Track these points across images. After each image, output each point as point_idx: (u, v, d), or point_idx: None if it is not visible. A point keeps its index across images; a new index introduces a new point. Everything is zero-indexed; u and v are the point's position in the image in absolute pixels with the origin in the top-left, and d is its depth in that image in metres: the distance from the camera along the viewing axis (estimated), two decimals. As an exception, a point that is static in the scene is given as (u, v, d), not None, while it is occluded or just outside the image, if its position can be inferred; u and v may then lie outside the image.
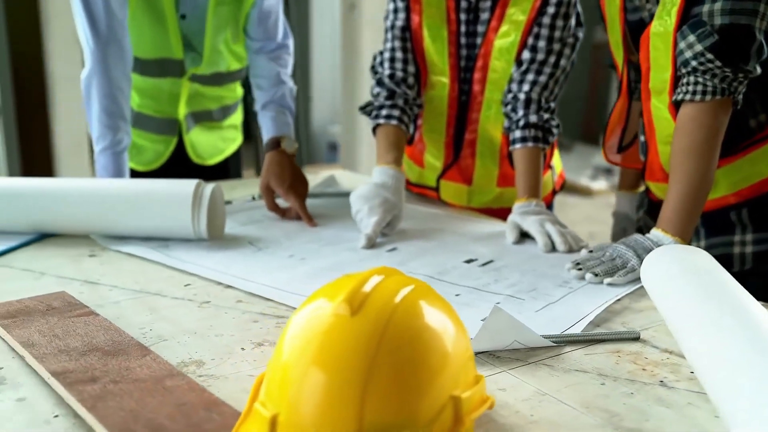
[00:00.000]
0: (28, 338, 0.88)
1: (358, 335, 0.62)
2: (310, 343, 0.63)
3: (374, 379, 0.60)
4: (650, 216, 1.55)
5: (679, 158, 1.21)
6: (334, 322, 0.63)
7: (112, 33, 1.53)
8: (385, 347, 0.61)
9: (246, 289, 1.12)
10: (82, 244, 1.33)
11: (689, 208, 1.21)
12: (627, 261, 1.18)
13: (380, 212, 1.39)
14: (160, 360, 0.83)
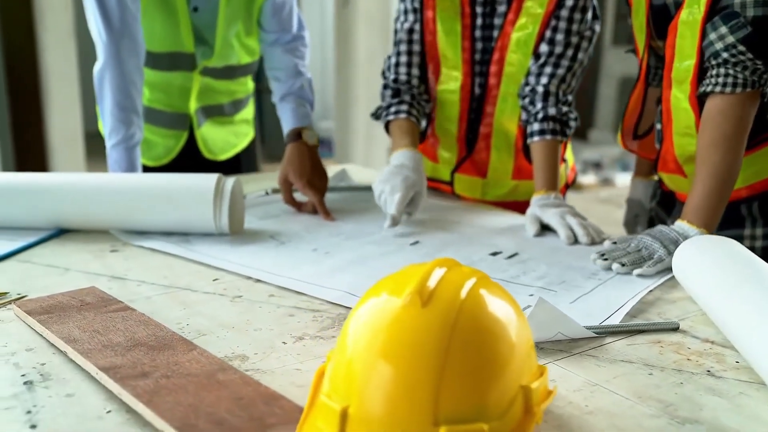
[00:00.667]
0: (69, 334, 0.87)
1: (429, 327, 0.61)
2: (377, 335, 0.63)
3: (448, 371, 0.60)
4: (662, 207, 1.56)
5: (707, 150, 1.22)
6: (403, 314, 0.62)
7: (125, 26, 1.51)
8: (458, 339, 0.61)
9: (276, 283, 1.11)
10: (102, 239, 1.31)
11: (715, 201, 1.21)
12: (653, 252, 1.19)
13: (402, 188, 1.40)
14: (208, 354, 0.82)
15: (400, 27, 1.64)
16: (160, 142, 1.76)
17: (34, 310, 0.95)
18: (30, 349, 0.88)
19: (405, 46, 1.62)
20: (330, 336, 0.93)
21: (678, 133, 1.37)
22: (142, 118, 1.58)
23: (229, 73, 1.75)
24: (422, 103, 1.63)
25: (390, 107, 1.61)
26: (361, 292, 1.06)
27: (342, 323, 0.97)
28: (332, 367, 0.67)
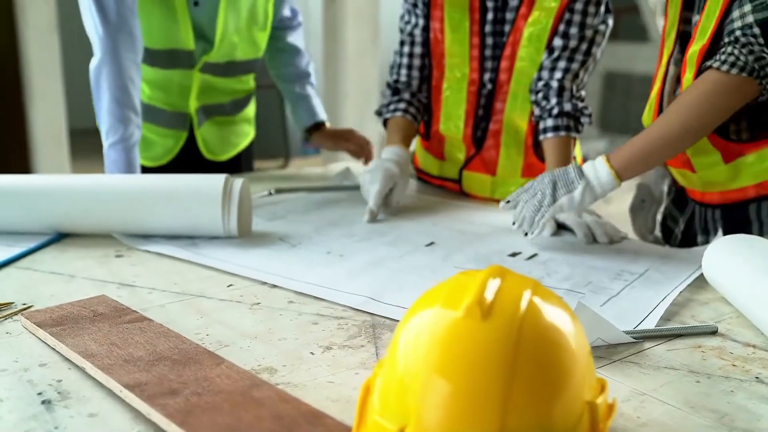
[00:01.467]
0: (85, 348, 0.82)
1: (491, 341, 0.57)
2: (434, 349, 0.59)
3: (515, 388, 0.56)
4: (675, 205, 1.52)
5: (671, 106, 1.19)
6: (462, 328, 0.58)
7: (122, 20, 1.46)
8: (523, 353, 0.57)
9: (294, 288, 1.07)
10: (105, 243, 1.26)
11: (643, 153, 1.20)
12: (542, 200, 1.23)
13: (380, 179, 1.45)
14: (238, 368, 0.78)
15: (404, 27, 1.63)
16: (159, 142, 1.71)
17: (44, 322, 0.90)
18: (43, 364, 0.83)
19: (407, 47, 1.63)
20: (358, 345, 0.89)
21: None
22: (141, 115, 1.53)
23: (230, 69, 1.70)
24: (422, 101, 1.64)
25: (389, 105, 1.64)
26: (384, 297, 1.02)
27: (368, 331, 0.93)
28: (381, 383, 0.63)
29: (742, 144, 1.27)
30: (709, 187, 1.35)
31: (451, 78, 1.58)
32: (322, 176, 1.85)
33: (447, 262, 1.20)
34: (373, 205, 1.43)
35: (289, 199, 1.59)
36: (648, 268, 1.18)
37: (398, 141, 1.56)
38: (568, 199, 1.23)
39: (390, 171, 1.47)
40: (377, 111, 1.68)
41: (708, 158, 1.30)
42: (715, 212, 1.37)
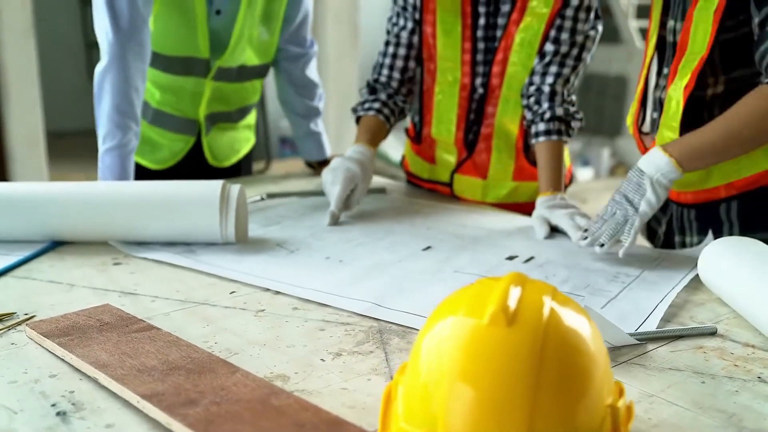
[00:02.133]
0: (96, 358, 0.82)
1: (517, 348, 0.59)
2: (459, 356, 0.60)
3: (542, 394, 0.57)
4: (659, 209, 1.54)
5: (736, 110, 1.19)
6: (488, 335, 0.59)
7: (133, 28, 1.46)
8: (548, 359, 0.58)
9: (298, 294, 1.07)
10: (101, 251, 1.25)
11: (706, 148, 1.20)
12: (626, 213, 1.22)
13: (341, 181, 1.45)
14: (253, 376, 0.78)
15: (391, 28, 1.64)
16: (167, 146, 1.71)
17: (50, 332, 0.89)
18: (53, 375, 0.82)
19: (392, 48, 1.64)
20: (368, 351, 0.90)
21: (665, 124, 1.34)
22: (140, 124, 1.52)
23: (242, 74, 1.71)
24: (398, 103, 1.65)
25: (364, 104, 1.65)
26: (388, 302, 1.03)
27: (375, 337, 0.94)
28: (405, 389, 0.64)
29: None
30: (684, 186, 1.38)
31: (443, 82, 1.59)
32: (312, 181, 1.85)
33: (446, 266, 1.21)
34: (335, 208, 1.44)
35: (281, 204, 1.59)
36: (643, 269, 1.21)
37: (365, 140, 1.56)
38: (646, 204, 1.22)
39: (351, 172, 1.47)
40: (353, 108, 1.68)
41: None
42: (690, 212, 1.40)
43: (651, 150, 1.25)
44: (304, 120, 1.85)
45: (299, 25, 1.75)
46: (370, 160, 1.54)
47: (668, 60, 1.35)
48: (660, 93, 1.36)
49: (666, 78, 1.35)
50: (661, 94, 1.36)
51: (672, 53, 1.33)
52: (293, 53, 1.78)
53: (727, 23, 1.21)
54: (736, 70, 1.26)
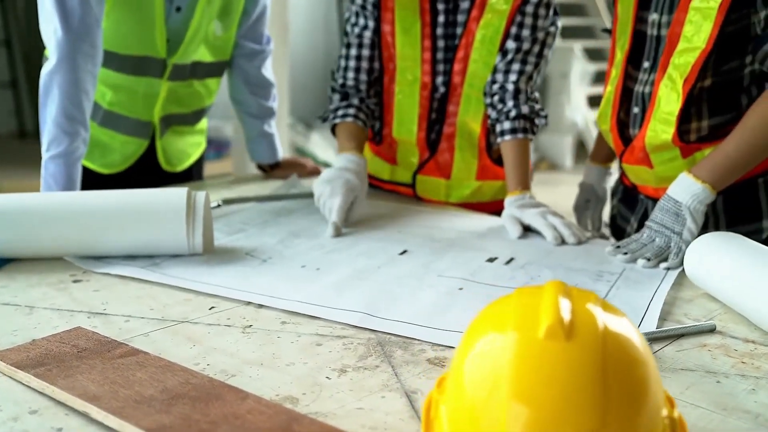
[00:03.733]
0: (84, 389, 0.74)
1: (578, 362, 0.55)
2: (517, 374, 0.56)
3: (609, 408, 0.54)
4: (624, 203, 1.56)
5: (753, 119, 1.20)
6: (546, 350, 0.56)
7: (85, 28, 1.35)
8: (611, 372, 0.55)
9: (283, 307, 1.01)
10: (56, 268, 1.16)
11: (732, 165, 1.21)
12: (669, 239, 1.21)
13: (342, 193, 1.38)
14: (267, 402, 0.72)
15: (351, 30, 1.60)
16: (118, 149, 1.60)
17: (22, 363, 0.81)
18: (34, 411, 0.74)
19: (355, 50, 1.59)
20: (373, 366, 0.85)
21: (657, 118, 1.33)
22: (89, 129, 1.42)
23: (196, 72, 1.62)
24: (371, 106, 1.60)
25: (338, 110, 1.58)
26: (380, 311, 0.99)
27: (377, 350, 0.89)
28: (449, 409, 0.60)
29: (700, 143, 1.31)
30: (665, 182, 1.38)
31: (402, 81, 1.56)
32: (266, 185, 1.78)
33: (429, 270, 1.17)
34: (337, 219, 1.36)
35: (239, 211, 1.52)
36: (624, 267, 1.20)
37: (353, 148, 1.51)
38: (689, 233, 1.21)
39: (350, 183, 1.41)
40: (322, 116, 1.63)
41: (667, 154, 1.33)
42: None
43: (680, 178, 1.24)
44: (257, 121, 1.78)
45: (257, 20, 1.68)
46: (365, 169, 1.48)
47: (649, 54, 1.34)
48: (643, 87, 1.35)
49: (648, 72, 1.35)
50: (644, 89, 1.35)
51: (654, 47, 1.33)
52: (250, 50, 1.70)
53: (732, 16, 1.22)
54: (727, 63, 1.27)
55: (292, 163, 1.85)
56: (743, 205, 1.36)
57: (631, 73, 1.39)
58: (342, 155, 1.49)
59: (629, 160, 1.43)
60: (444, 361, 0.87)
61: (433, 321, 0.97)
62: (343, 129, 1.56)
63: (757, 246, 1.02)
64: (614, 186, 1.61)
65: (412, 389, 0.80)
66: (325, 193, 1.40)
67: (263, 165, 1.84)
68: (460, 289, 1.09)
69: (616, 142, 1.44)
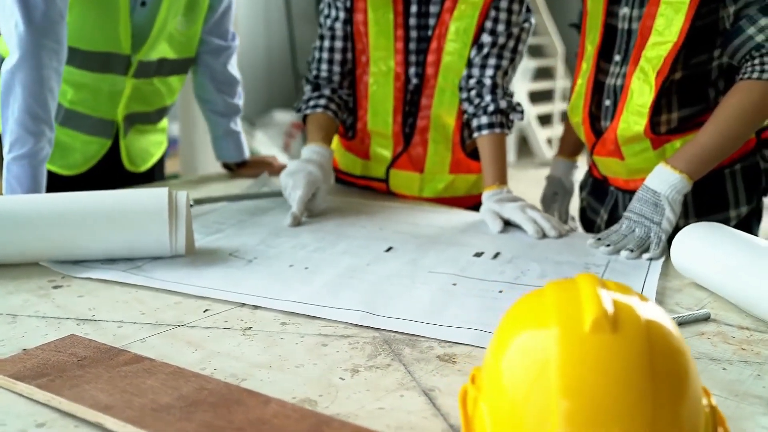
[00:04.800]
0: (94, 399, 0.71)
1: (626, 354, 0.55)
2: (566, 369, 0.56)
3: (659, 400, 0.54)
4: (594, 197, 1.58)
5: (726, 111, 1.23)
6: (594, 344, 0.56)
7: (48, 23, 1.29)
8: (657, 363, 0.56)
9: (280, 308, 0.99)
10: (32, 273, 1.11)
11: (708, 155, 1.24)
12: (648, 229, 1.23)
13: (303, 185, 1.40)
14: (292, 405, 0.70)
15: (323, 21, 1.58)
16: (79, 149, 1.54)
17: (20, 374, 0.77)
18: (41, 424, 0.70)
19: (327, 42, 1.58)
20: (384, 365, 0.84)
21: (629, 110, 1.35)
22: (55, 129, 1.36)
23: (162, 69, 1.57)
24: (343, 97, 1.60)
25: (309, 101, 1.59)
26: (378, 309, 0.98)
27: (384, 348, 0.88)
28: (489, 406, 0.60)
29: (670, 135, 1.34)
30: (636, 174, 1.41)
31: (377, 72, 1.55)
32: (233, 184, 1.74)
33: (418, 267, 1.16)
34: (297, 210, 1.39)
35: (212, 211, 1.48)
36: (608, 259, 1.22)
37: (320, 139, 1.51)
38: (668, 222, 1.23)
39: (312, 176, 1.42)
40: (296, 107, 1.62)
41: (638, 145, 1.36)
42: None
43: (658, 169, 1.26)
44: (223, 119, 1.74)
45: (222, 15, 1.64)
46: (329, 160, 1.48)
47: (620, 47, 1.37)
48: (615, 80, 1.38)
49: (619, 65, 1.37)
50: (616, 81, 1.37)
51: (626, 40, 1.36)
52: (215, 46, 1.66)
53: (702, 11, 1.25)
54: (697, 56, 1.30)
55: (259, 162, 1.82)
56: (711, 195, 1.39)
57: (602, 66, 1.41)
58: (308, 147, 1.50)
59: (600, 152, 1.45)
60: (454, 357, 0.86)
61: (435, 317, 0.96)
62: (312, 120, 1.56)
63: (742, 234, 1.04)
64: (583, 179, 1.63)
65: (428, 387, 0.79)
66: (289, 186, 1.43)
67: (229, 164, 1.80)
68: (453, 285, 1.09)
69: (588, 135, 1.45)
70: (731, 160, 1.38)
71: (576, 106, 1.45)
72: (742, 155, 1.37)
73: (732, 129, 1.24)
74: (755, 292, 0.95)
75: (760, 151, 1.40)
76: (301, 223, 1.39)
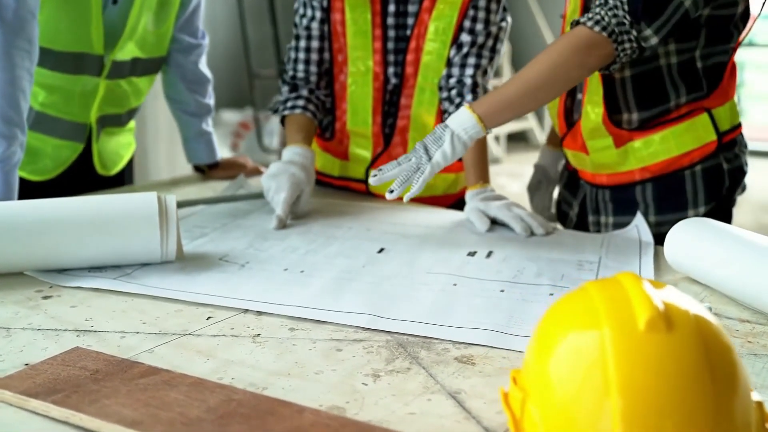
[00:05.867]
0: (119, 415, 0.68)
1: (682, 352, 0.56)
2: (623, 369, 0.56)
3: (718, 396, 0.55)
4: (568, 189, 1.59)
5: (538, 57, 1.22)
6: (650, 343, 0.56)
7: (20, 23, 1.24)
8: (713, 360, 0.56)
9: (285, 313, 0.97)
10: (16, 284, 1.06)
11: (506, 99, 1.22)
12: (420, 160, 1.21)
13: (287, 187, 1.38)
14: (327, 414, 0.69)
15: (299, 21, 1.57)
16: (50, 154, 1.48)
17: (31, 390, 0.73)
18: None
19: (304, 42, 1.56)
20: (404, 368, 0.83)
21: (588, 100, 1.37)
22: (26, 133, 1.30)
23: (135, 69, 1.53)
24: (321, 98, 1.59)
25: (287, 102, 1.57)
26: (385, 312, 0.97)
27: (400, 351, 0.87)
28: (540, 408, 0.60)
29: (632, 131, 1.36)
30: (600, 168, 1.43)
31: (355, 72, 1.53)
32: (206, 186, 1.70)
33: (415, 268, 1.16)
34: (281, 212, 1.37)
35: (191, 214, 1.44)
36: (599, 255, 1.24)
37: (300, 140, 1.49)
38: (441, 154, 1.21)
39: (296, 177, 1.41)
40: (272, 108, 1.60)
41: (601, 142, 1.38)
42: (605, 193, 1.45)
43: (460, 110, 1.24)
44: (194, 119, 1.70)
45: (192, 13, 1.61)
46: (312, 162, 1.47)
47: None
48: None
49: None
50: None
51: None
52: (186, 44, 1.62)
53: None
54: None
55: (231, 163, 1.79)
56: (671, 195, 1.40)
57: None
58: (289, 148, 1.48)
59: (570, 144, 1.47)
60: (472, 359, 0.86)
61: (444, 319, 0.96)
62: (291, 121, 1.54)
63: (735, 229, 1.07)
64: (560, 172, 1.65)
65: (453, 390, 0.78)
66: (272, 188, 1.41)
67: (201, 166, 1.76)
68: (454, 285, 1.08)
69: (561, 127, 1.47)
70: (691, 162, 1.38)
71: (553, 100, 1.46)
72: (703, 157, 1.38)
73: (531, 78, 1.22)
74: (755, 285, 0.97)
75: (723, 152, 1.41)
76: (287, 226, 1.36)
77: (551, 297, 1.04)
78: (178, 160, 3.82)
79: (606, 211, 1.47)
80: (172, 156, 4.01)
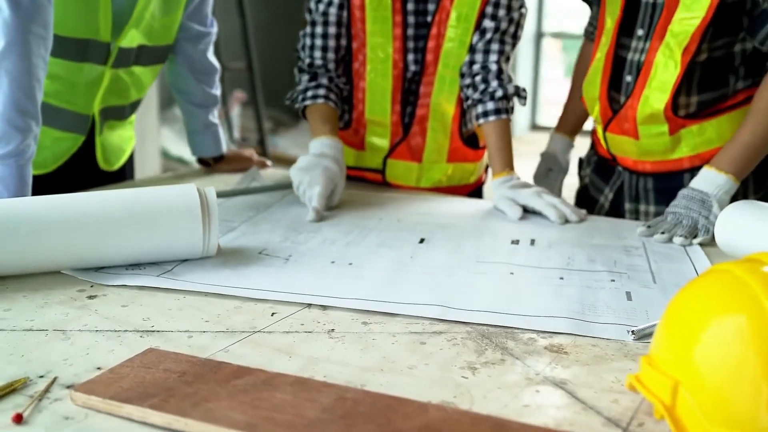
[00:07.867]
0: (231, 419, 0.63)
1: None
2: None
3: None
4: (598, 175, 1.56)
5: (764, 103, 1.24)
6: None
7: (37, 8, 1.17)
8: None
9: (353, 306, 0.93)
10: (55, 284, 0.99)
11: (752, 152, 1.25)
12: (696, 221, 1.23)
13: (322, 181, 1.35)
14: (451, 409, 0.66)
15: (315, 7, 1.51)
16: (50, 146, 1.39)
17: (121, 395, 0.68)
18: (171, 451, 0.62)
19: (321, 28, 1.51)
20: (499, 360, 0.80)
21: (656, 88, 1.33)
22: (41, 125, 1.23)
23: (141, 57, 1.46)
24: (340, 86, 1.54)
25: (307, 91, 1.51)
26: (453, 302, 0.94)
27: (487, 342, 0.84)
28: (694, 395, 0.58)
29: (686, 119, 1.35)
30: (646, 156, 1.41)
31: (374, 59, 1.49)
32: (216, 179, 1.64)
33: (464, 258, 1.13)
34: (318, 205, 1.32)
35: (210, 208, 1.38)
36: (642, 241, 1.23)
37: (328, 131, 1.44)
38: (714, 217, 1.22)
39: (330, 171, 1.37)
40: (290, 98, 1.54)
41: (656, 128, 1.36)
42: (648, 181, 1.44)
43: (703, 171, 1.26)
44: (201, 110, 1.63)
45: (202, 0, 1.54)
46: (342, 154, 1.42)
47: (644, 21, 1.35)
48: (638, 56, 1.36)
49: (642, 40, 1.35)
50: (638, 57, 1.36)
51: (650, 14, 1.33)
52: (196, 32, 1.55)
53: None
54: (721, 38, 1.30)
55: (237, 156, 1.72)
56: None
57: (623, 41, 1.39)
58: (318, 140, 1.43)
59: (615, 129, 1.42)
60: (563, 348, 0.83)
61: (519, 308, 0.93)
62: (315, 111, 1.49)
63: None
64: (586, 155, 1.61)
65: (559, 380, 0.76)
66: (305, 182, 1.36)
67: (206, 159, 1.69)
68: (511, 274, 1.06)
69: (604, 111, 1.43)
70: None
71: (593, 81, 1.43)
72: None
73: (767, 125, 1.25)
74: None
75: None
76: (322, 217, 1.32)
77: (613, 283, 1.03)
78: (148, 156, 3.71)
79: (647, 199, 1.44)
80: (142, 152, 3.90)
